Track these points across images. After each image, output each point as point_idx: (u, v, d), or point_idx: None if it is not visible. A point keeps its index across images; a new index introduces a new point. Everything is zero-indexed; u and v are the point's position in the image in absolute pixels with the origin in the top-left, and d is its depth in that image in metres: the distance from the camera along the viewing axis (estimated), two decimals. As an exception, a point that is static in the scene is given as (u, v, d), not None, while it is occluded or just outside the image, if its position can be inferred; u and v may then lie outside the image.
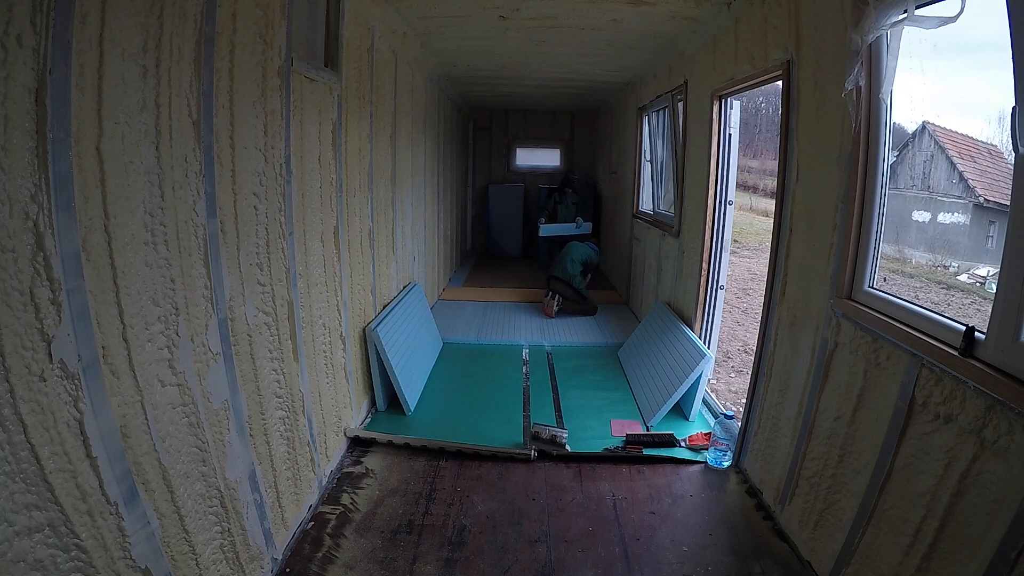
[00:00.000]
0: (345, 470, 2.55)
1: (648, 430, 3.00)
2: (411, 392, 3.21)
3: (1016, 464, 1.19)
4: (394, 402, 3.20)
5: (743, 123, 3.33)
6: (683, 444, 2.83)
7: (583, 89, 5.88)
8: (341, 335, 2.63)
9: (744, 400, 2.71)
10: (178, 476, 1.37)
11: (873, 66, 1.72)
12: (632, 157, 5.43)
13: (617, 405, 3.33)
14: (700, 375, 3.05)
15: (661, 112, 4.61)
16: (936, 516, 1.40)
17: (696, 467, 2.65)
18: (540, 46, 3.91)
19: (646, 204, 5.24)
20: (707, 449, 2.72)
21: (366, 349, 3.03)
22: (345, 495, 2.36)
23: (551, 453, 2.70)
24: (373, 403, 3.17)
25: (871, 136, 1.77)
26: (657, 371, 3.37)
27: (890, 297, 1.72)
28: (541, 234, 6.74)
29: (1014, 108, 1.22)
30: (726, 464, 2.64)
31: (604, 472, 2.59)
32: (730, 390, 4.27)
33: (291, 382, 2.04)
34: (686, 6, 2.88)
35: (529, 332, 4.61)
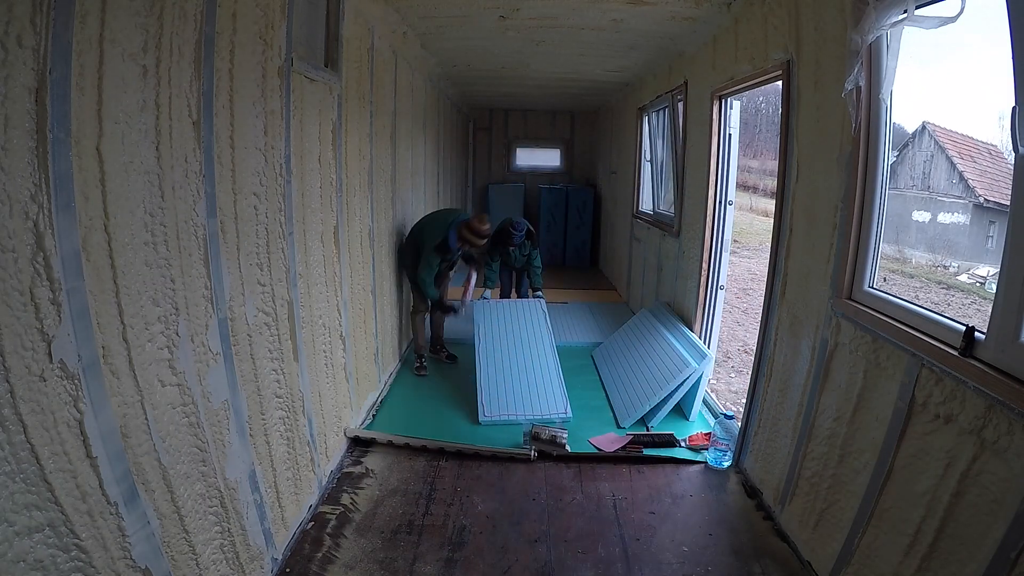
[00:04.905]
0: (345, 470, 2.55)
1: (648, 430, 3.00)
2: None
3: (1016, 464, 1.19)
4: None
5: (743, 123, 3.33)
6: (683, 444, 2.83)
7: (583, 89, 5.88)
8: (341, 335, 2.63)
9: (744, 400, 2.71)
10: (178, 476, 1.37)
11: (873, 66, 1.72)
12: (632, 157, 5.43)
13: (617, 405, 3.32)
14: (700, 375, 3.04)
15: (661, 112, 4.61)
16: (936, 516, 1.40)
17: (696, 467, 2.65)
18: (540, 46, 3.91)
19: (646, 204, 5.24)
20: (707, 449, 2.72)
21: (366, 349, 3.03)
22: (345, 495, 2.36)
23: (551, 453, 2.70)
24: (374, 403, 3.17)
25: (871, 136, 1.77)
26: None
27: (890, 297, 1.72)
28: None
29: (1014, 108, 1.22)
30: (726, 464, 2.64)
31: (604, 472, 2.59)
32: (730, 390, 4.27)
33: (291, 382, 2.04)
34: (686, 6, 2.88)
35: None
